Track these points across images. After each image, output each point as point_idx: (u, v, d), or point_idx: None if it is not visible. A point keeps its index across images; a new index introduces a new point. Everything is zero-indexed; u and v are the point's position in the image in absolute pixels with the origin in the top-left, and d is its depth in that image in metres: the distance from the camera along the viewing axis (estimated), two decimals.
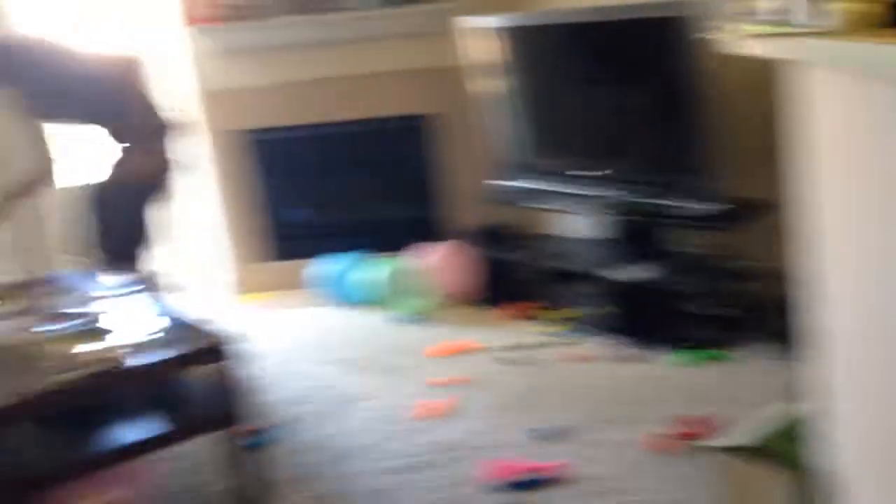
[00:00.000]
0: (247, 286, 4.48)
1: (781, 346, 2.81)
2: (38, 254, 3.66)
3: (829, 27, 1.48)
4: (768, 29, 1.70)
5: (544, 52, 3.72)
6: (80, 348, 2.21)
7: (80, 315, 2.52)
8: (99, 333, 2.40)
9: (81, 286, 2.91)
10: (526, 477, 2.49)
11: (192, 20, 4.12)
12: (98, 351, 2.19)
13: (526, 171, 3.87)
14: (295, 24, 4.12)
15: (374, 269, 3.96)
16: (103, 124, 3.40)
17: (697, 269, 3.32)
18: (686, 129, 3.15)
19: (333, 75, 4.25)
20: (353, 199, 4.50)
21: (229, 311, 4.23)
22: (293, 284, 4.40)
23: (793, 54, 1.63)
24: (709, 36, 2.88)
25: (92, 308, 2.60)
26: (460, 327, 3.73)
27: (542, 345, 3.45)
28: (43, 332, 2.31)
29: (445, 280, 4.00)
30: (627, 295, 3.40)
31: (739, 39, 1.78)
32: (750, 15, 1.81)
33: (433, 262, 4.02)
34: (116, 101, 3.39)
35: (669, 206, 3.27)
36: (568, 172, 3.68)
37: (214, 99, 4.30)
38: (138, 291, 2.89)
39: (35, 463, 2.20)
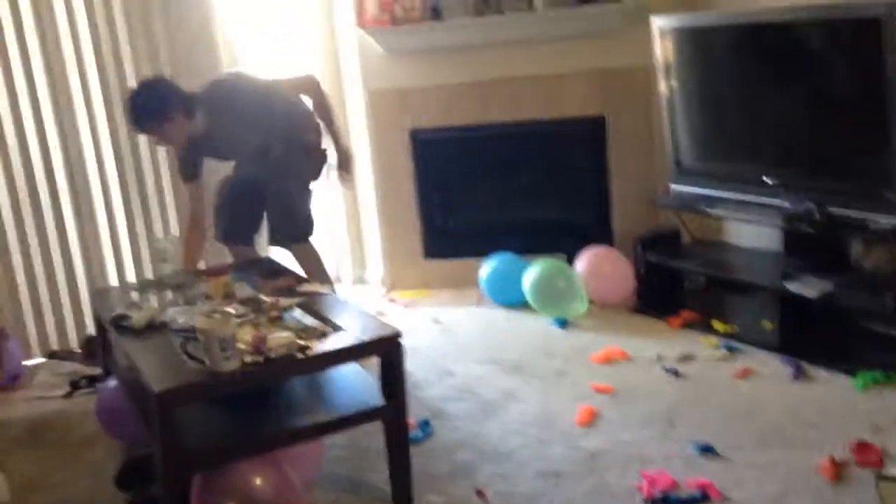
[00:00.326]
0: (401, 283, 4.56)
1: None
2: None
3: None
4: None
5: (726, 53, 3.60)
6: (269, 334, 2.31)
7: (266, 303, 2.65)
8: (284, 321, 2.52)
9: (264, 275, 3.06)
10: (676, 493, 2.42)
11: (364, 22, 4.23)
12: (284, 337, 2.28)
13: (699, 176, 3.77)
14: (468, 26, 4.18)
15: (532, 271, 3.94)
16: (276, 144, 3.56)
17: (878, 286, 3.12)
18: (874, 136, 2.98)
19: (505, 76, 4.28)
20: (517, 199, 4.51)
21: (385, 306, 4.32)
22: (449, 283, 4.46)
23: None
24: None
25: (275, 297, 2.72)
26: (619, 334, 3.67)
27: (704, 357, 3.35)
28: (236, 316, 2.43)
29: (604, 285, 3.94)
30: (799, 310, 3.24)
31: None
32: None
33: (593, 265, 3.97)
34: (300, 125, 3.60)
35: (850, 218, 3.09)
36: (742, 179, 3.54)
37: (380, 98, 4.41)
38: (309, 283, 3.01)
39: (210, 439, 2.30)
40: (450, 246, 4.56)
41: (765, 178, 3.41)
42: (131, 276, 4.13)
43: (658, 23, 3.75)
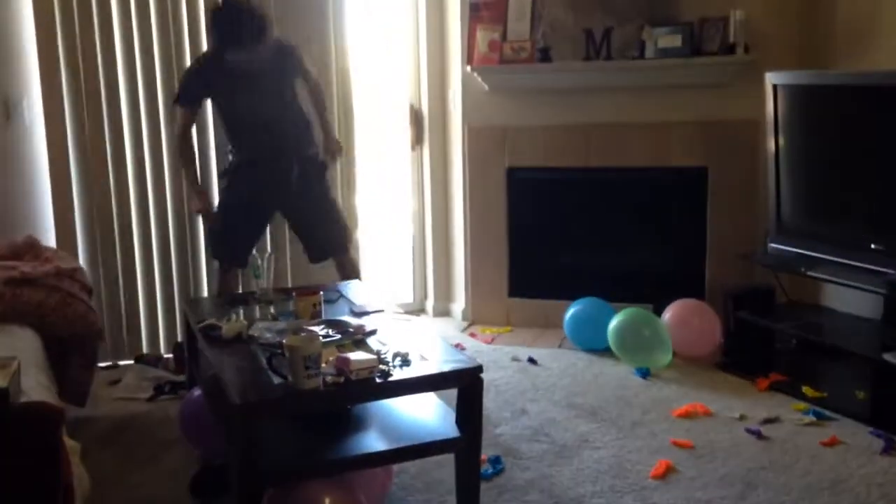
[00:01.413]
0: (484, 318, 4.57)
1: None
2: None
3: None
4: None
5: (839, 113, 3.52)
6: (353, 355, 2.35)
7: (352, 325, 2.69)
8: (368, 344, 2.56)
9: (346, 299, 3.12)
10: None
11: (473, 60, 4.30)
12: (367, 360, 2.31)
13: (800, 235, 3.68)
14: (577, 70, 4.21)
15: (618, 318, 3.89)
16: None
17: None
18: None
19: (608, 121, 4.29)
20: (609, 245, 4.48)
21: (466, 340, 4.33)
22: (532, 323, 4.45)
23: None
24: None
25: (359, 320, 2.77)
26: (702, 389, 3.59)
27: (790, 421, 3.24)
28: (322, 336, 2.49)
29: (690, 338, 3.87)
30: (891, 382, 3.11)
31: None
32: None
33: (681, 317, 3.90)
34: (307, 139, 3.82)
35: None
36: (845, 242, 3.44)
37: (480, 134, 4.47)
38: (389, 310, 3.05)
39: (285, 456, 2.34)
40: (536, 286, 4.54)
41: (871, 245, 3.30)
42: None
43: (772, 78, 3.70)
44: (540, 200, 4.50)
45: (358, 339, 2.58)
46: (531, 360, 3.98)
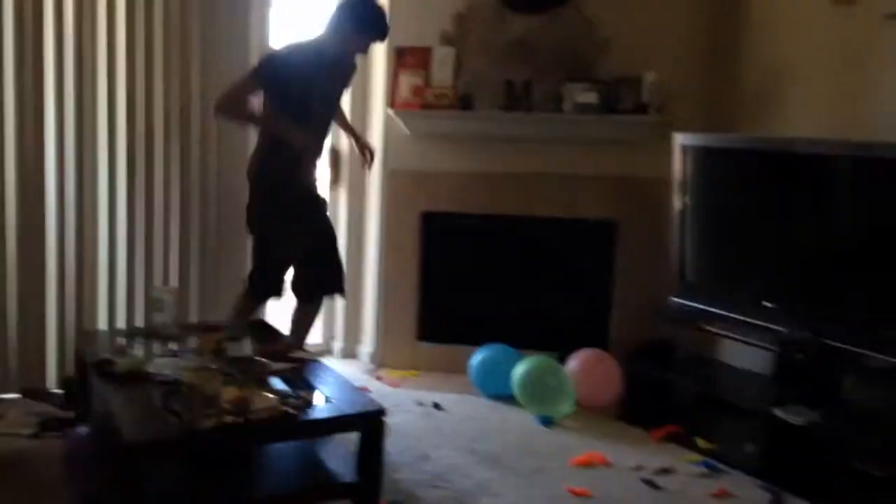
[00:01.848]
0: (392, 361, 4.55)
1: None
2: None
3: None
4: None
5: (742, 176, 3.68)
6: (254, 395, 2.32)
7: (256, 364, 2.65)
8: (271, 385, 2.52)
9: (257, 337, 3.07)
10: None
11: (396, 104, 4.34)
12: (268, 401, 2.28)
13: (702, 292, 3.80)
14: (497, 119, 4.28)
15: (523, 365, 3.93)
16: None
17: (866, 424, 3.10)
18: (879, 275, 3.01)
19: (525, 171, 4.38)
20: (518, 292, 4.53)
21: (372, 383, 4.30)
22: (439, 367, 4.46)
23: None
24: None
25: (265, 360, 2.73)
26: (602, 439, 3.64)
27: (683, 472, 3.32)
28: (223, 375, 2.44)
29: (593, 388, 3.93)
30: (784, 437, 3.22)
31: None
32: None
33: (584, 367, 3.96)
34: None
35: (845, 351, 3.09)
36: (742, 300, 3.58)
37: (398, 177, 4.49)
38: (302, 350, 3.02)
39: (173, 500, 2.27)
40: (445, 331, 4.56)
41: (764, 302, 3.44)
42: (122, 323, 4.10)
43: (680, 139, 3.84)
44: (453, 246, 4.55)
45: (261, 378, 2.54)
46: (436, 406, 3.97)
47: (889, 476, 2.92)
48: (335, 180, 4.70)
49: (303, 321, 3.66)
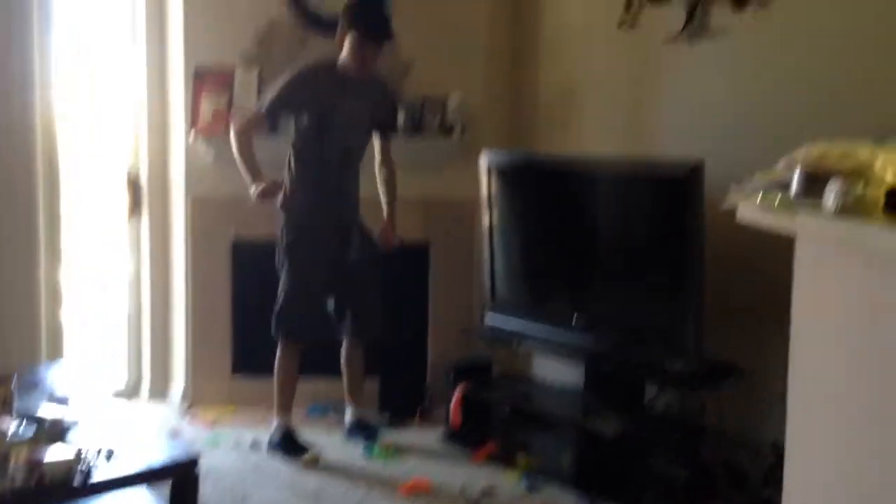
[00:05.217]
0: (206, 398, 4.35)
1: None
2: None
3: (830, 206, 1.51)
4: (766, 198, 1.74)
5: (539, 193, 3.79)
6: (47, 453, 2.13)
7: (48, 418, 2.44)
8: (67, 441, 2.33)
9: (51, 386, 2.83)
10: None
11: (198, 128, 4.17)
12: (64, 460, 2.10)
13: (512, 310, 3.87)
14: None
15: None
16: None
17: (664, 428, 3.27)
18: (669, 284, 3.18)
19: None
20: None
21: (185, 424, 4.10)
22: (257, 401, 4.28)
23: (789, 228, 1.66)
24: (700, 199, 2.95)
25: (58, 412, 2.51)
26: (428, 462, 3.64)
27: (505, 491, 3.37)
28: (11, 434, 2.23)
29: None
30: (589, 447, 3.35)
31: (737, 205, 1.82)
32: (747, 183, 1.85)
33: None
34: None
35: (646, 359, 3.25)
36: (550, 316, 3.68)
37: (204, 205, 4.31)
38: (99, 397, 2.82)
39: None
40: (261, 362, 4.39)
41: (573, 318, 3.56)
42: None
43: (485, 158, 3.91)
44: (265, 274, 4.39)
45: (54, 434, 2.34)
46: (254, 444, 3.83)
47: (691, 475, 3.10)
48: (134, 208, 4.44)
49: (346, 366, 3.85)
